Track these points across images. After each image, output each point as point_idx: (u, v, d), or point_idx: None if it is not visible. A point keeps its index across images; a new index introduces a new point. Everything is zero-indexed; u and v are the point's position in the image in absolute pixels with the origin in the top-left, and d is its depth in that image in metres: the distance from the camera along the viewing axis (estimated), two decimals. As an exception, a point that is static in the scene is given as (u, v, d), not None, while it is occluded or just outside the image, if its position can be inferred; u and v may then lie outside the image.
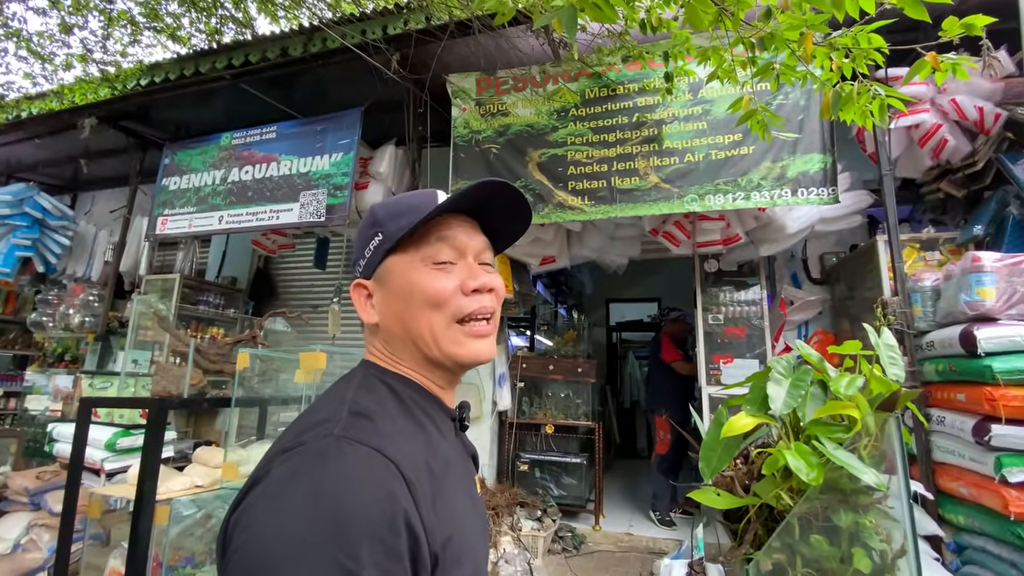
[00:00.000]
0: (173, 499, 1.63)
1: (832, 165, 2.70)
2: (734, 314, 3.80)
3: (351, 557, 0.45)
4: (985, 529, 2.13)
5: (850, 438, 1.00)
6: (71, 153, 5.56)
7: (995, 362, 2.07)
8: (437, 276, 0.66)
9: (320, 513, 0.47)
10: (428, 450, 0.60)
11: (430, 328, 0.66)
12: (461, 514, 0.62)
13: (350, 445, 0.52)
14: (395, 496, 0.50)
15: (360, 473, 0.50)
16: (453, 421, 0.72)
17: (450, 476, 0.62)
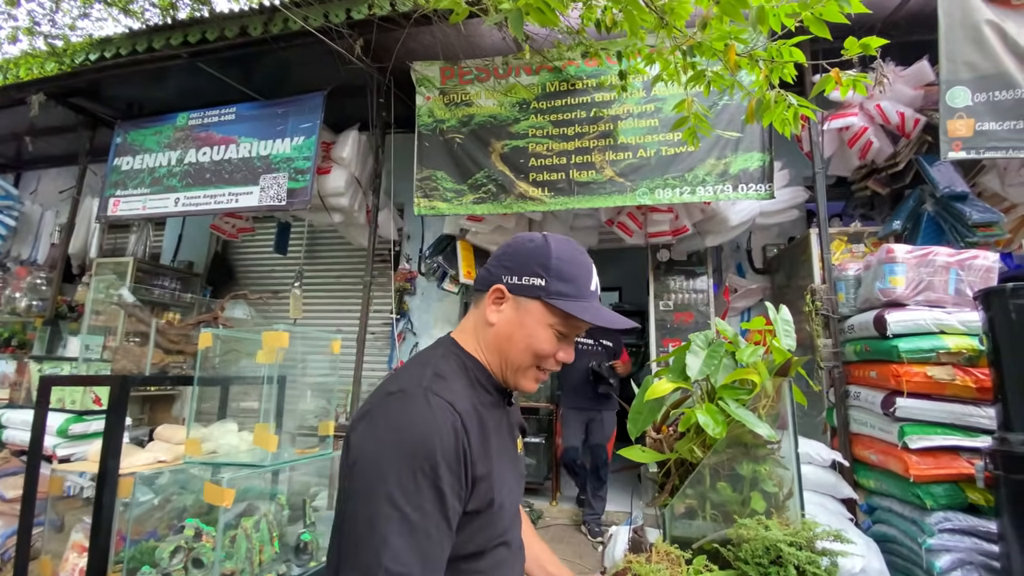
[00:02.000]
0: (137, 473, 1.68)
1: (770, 163, 2.91)
2: (683, 301, 4.03)
3: (431, 466, 0.69)
4: (891, 491, 2.41)
5: (751, 399, 1.16)
6: (15, 130, 5.28)
7: (901, 343, 2.33)
8: (552, 341, 0.86)
9: (413, 436, 0.71)
10: (482, 409, 0.82)
11: (519, 361, 0.87)
12: (499, 459, 0.83)
13: (433, 396, 0.75)
14: (458, 432, 0.73)
15: (437, 415, 0.73)
16: (503, 396, 0.93)
17: (494, 432, 0.84)
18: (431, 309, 4.69)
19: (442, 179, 3.34)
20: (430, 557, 0.68)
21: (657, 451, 1.36)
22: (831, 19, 1.42)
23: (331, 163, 4.13)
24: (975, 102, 2.53)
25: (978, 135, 2.51)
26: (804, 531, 0.91)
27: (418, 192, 3.36)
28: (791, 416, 1.10)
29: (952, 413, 2.24)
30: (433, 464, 0.69)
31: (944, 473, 2.18)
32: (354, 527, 0.68)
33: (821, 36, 1.47)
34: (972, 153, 2.51)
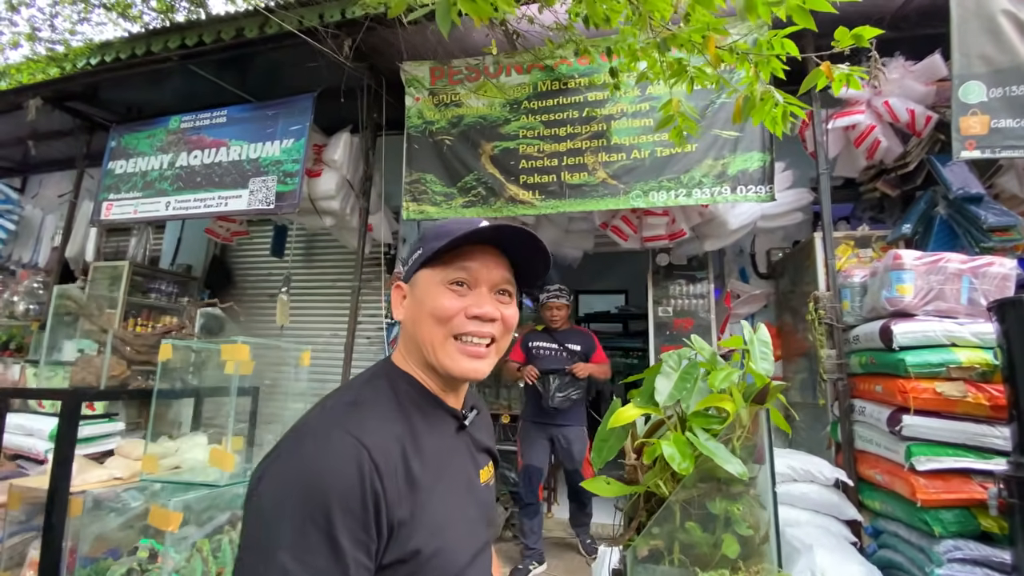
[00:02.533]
0: (87, 491, 1.60)
1: (770, 164, 2.77)
2: (683, 307, 3.89)
3: (324, 516, 0.59)
4: (897, 515, 2.25)
5: (723, 429, 1.04)
6: (19, 134, 5.32)
7: (908, 356, 2.17)
8: (448, 295, 0.77)
9: (305, 482, 0.62)
10: (410, 440, 0.72)
11: (431, 337, 0.77)
12: (441, 495, 0.73)
13: (338, 431, 0.66)
14: (365, 472, 0.63)
15: (338, 454, 0.64)
16: (454, 418, 0.83)
17: (436, 464, 0.74)
18: (426, 314, 4.60)
19: (431, 182, 3.25)
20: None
21: (632, 479, 1.24)
22: (817, 8, 1.29)
23: (323, 166, 4.06)
24: (990, 98, 2.36)
25: (993, 133, 2.34)
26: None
27: (407, 196, 3.27)
28: (768, 450, 0.98)
29: (964, 433, 2.08)
30: (327, 513, 0.60)
31: (954, 498, 2.03)
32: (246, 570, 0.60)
33: (807, 27, 1.35)
34: (987, 152, 2.35)
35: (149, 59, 3.90)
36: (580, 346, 3.36)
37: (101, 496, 1.62)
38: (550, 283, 3.50)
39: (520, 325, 3.13)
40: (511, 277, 0.83)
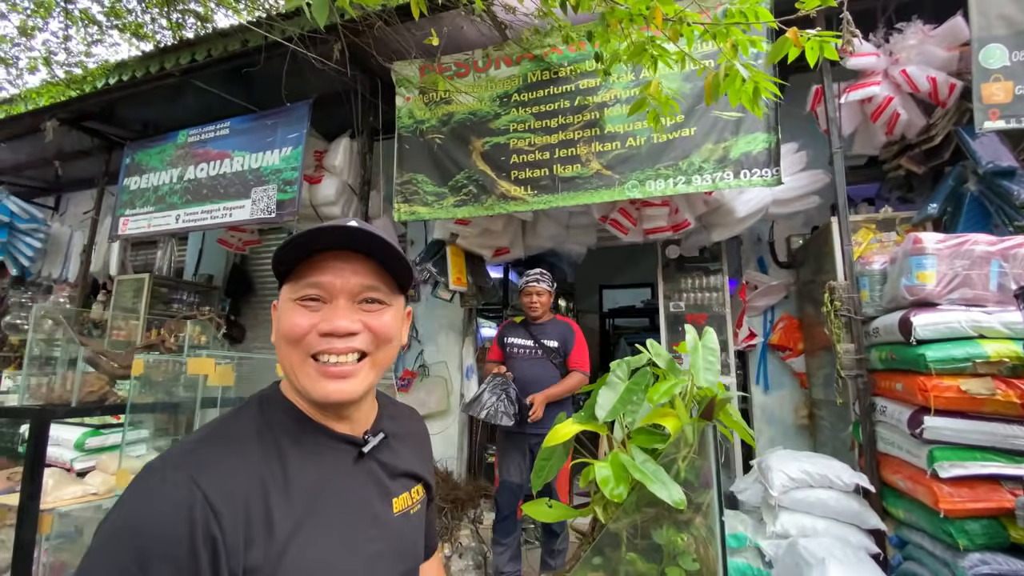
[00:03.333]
0: (55, 509, 1.61)
1: (776, 145, 2.57)
2: (696, 301, 3.70)
3: (139, 567, 0.54)
4: (921, 524, 2.05)
5: (666, 448, 0.93)
6: (45, 156, 5.58)
7: (928, 350, 1.96)
8: (299, 313, 0.70)
9: (125, 528, 0.57)
10: (276, 478, 0.65)
11: (289, 360, 0.70)
12: (322, 536, 0.66)
13: (172, 471, 0.60)
14: (195, 518, 0.56)
15: (167, 497, 0.58)
16: (351, 445, 0.75)
17: (314, 501, 0.67)
18: (435, 316, 4.56)
19: (423, 182, 3.18)
20: None
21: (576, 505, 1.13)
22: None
23: (324, 172, 4.07)
24: (1013, 61, 2.11)
25: (1018, 100, 2.09)
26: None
27: (398, 197, 3.22)
28: (715, 471, 0.86)
29: (993, 434, 1.87)
30: (143, 563, 0.54)
31: (982, 507, 1.82)
32: None
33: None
34: (1012, 122, 2.10)
35: (161, 75, 4.00)
36: (557, 342, 2.96)
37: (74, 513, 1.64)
38: (536, 267, 3.12)
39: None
40: (376, 282, 0.73)
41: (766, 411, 3.64)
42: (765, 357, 3.68)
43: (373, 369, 0.75)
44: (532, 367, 2.93)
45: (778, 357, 3.63)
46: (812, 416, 3.42)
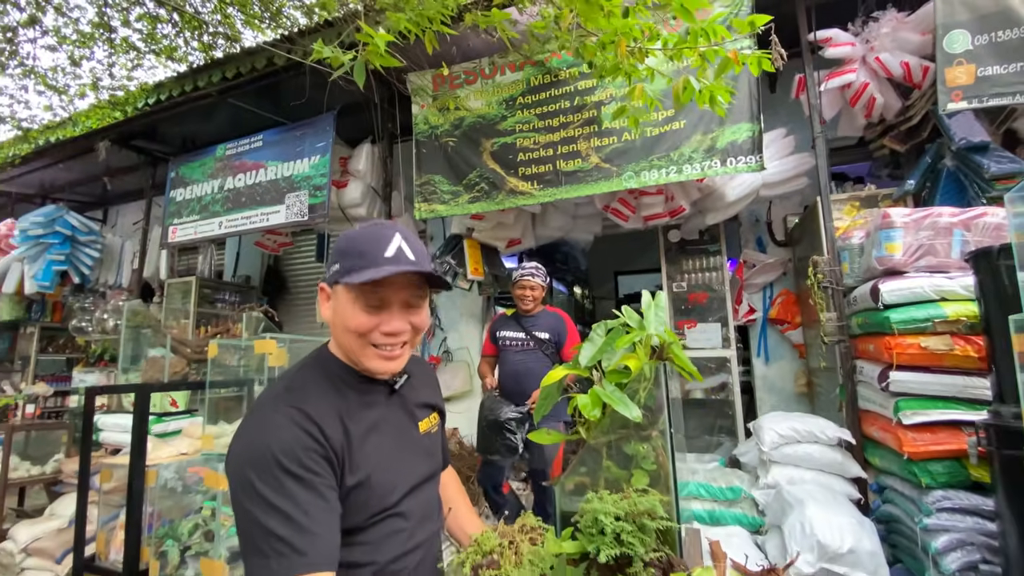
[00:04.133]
0: (159, 464, 2.00)
1: (759, 134, 2.80)
2: (697, 281, 3.95)
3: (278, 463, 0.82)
4: (893, 469, 2.29)
5: (630, 383, 1.22)
6: (95, 173, 6.09)
7: (893, 313, 2.20)
8: (364, 316, 0.94)
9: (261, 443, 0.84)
10: (344, 408, 0.95)
11: (351, 345, 0.97)
12: (376, 442, 0.97)
13: (281, 405, 0.89)
14: (304, 430, 0.86)
15: (282, 421, 0.86)
16: (383, 386, 1.05)
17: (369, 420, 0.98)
18: (456, 305, 4.89)
19: (439, 182, 3.50)
20: (309, 515, 0.80)
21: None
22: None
23: (349, 176, 4.42)
24: (976, 45, 2.29)
25: (980, 81, 2.28)
26: (632, 504, 0.98)
27: (418, 197, 3.55)
28: (666, 397, 1.15)
29: (952, 385, 2.10)
30: (280, 462, 0.82)
31: (944, 449, 2.06)
32: (242, 527, 0.81)
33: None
34: (974, 102, 2.29)
35: (199, 95, 4.40)
36: (549, 333, 3.01)
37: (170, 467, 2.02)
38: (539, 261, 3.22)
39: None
40: (419, 291, 0.99)
41: (767, 381, 3.87)
42: (765, 331, 3.91)
43: (411, 347, 1.05)
44: (525, 358, 2.99)
45: (778, 330, 3.86)
46: (810, 384, 3.64)
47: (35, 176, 6.15)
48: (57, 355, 6.60)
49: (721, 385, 3.82)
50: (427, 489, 1.10)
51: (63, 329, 6.36)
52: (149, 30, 5.30)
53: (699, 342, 3.84)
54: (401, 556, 0.98)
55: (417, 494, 1.05)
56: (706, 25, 1.66)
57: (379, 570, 0.94)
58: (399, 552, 0.98)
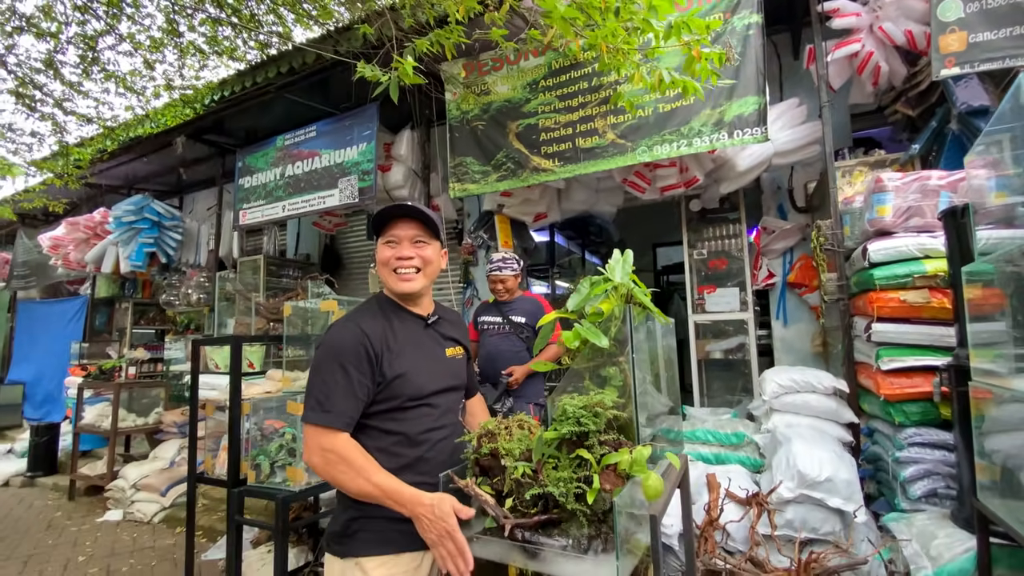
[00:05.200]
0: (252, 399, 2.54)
1: (764, 106, 2.97)
2: (717, 247, 4.15)
3: (337, 358, 1.32)
4: (876, 412, 2.52)
5: (603, 321, 1.57)
6: (172, 164, 6.86)
7: (877, 271, 2.40)
8: (386, 249, 1.45)
9: (333, 344, 1.35)
10: (387, 327, 1.41)
11: (384, 276, 1.47)
12: (410, 352, 1.41)
13: (346, 322, 1.40)
14: (358, 339, 1.34)
15: (350, 330, 1.36)
16: (420, 320, 1.51)
17: (404, 338, 1.43)
18: (491, 276, 5.30)
19: (471, 163, 3.86)
20: (337, 391, 1.30)
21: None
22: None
23: (392, 161, 4.86)
24: (967, 13, 2.38)
25: (972, 48, 2.37)
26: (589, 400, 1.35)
27: (452, 178, 3.93)
28: (629, 331, 1.50)
29: (929, 335, 2.30)
30: (342, 358, 1.33)
31: (917, 391, 2.28)
32: (311, 381, 1.35)
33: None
34: (966, 67, 2.39)
35: (256, 90, 4.93)
36: (525, 317, 3.22)
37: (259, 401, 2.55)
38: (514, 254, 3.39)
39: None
40: (420, 232, 1.47)
41: (785, 342, 4.06)
42: (784, 295, 4.08)
43: (424, 277, 1.51)
44: (500, 341, 3.25)
45: (796, 294, 4.02)
46: (825, 344, 3.81)
47: (121, 169, 6.98)
48: (148, 327, 7.58)
49: (739, 346, 4.05)
50: (452, 395, 1.54)
51: (153, 304, 7.29)
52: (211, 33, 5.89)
53: (719, 306, 4.07)
54: (427, 431, 1.42)
55: (443, 395, 1.50)
56: (686, 18, 1.91)
57: (411, 437, 1.39)
58: (426, 428, 1.42)
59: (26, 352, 8.45)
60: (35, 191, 6.88)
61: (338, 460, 1.28)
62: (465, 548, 1.18)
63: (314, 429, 1.30)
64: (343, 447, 1.29)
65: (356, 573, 1.36)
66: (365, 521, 1.38)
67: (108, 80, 6.13)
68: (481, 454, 1.35)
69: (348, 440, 1.31)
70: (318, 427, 1.29)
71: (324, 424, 1.29)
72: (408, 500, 1.23)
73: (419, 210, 1.48)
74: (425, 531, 1.21)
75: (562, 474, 1.26)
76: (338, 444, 1.28)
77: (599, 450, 1.31)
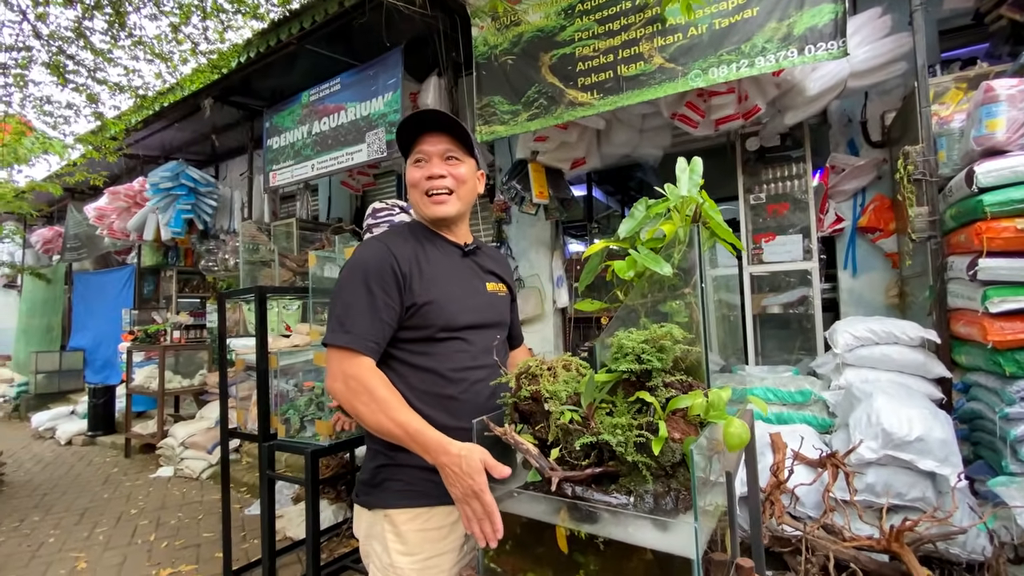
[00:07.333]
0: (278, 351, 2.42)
1: (843, 15, 2.53)
2: (777, 191, 3.74)
3: (363, 276, 1.19)
4: (977, 363, 2.16)
5: (664, 246, 1.31)
6: (204, 132, 6.83)
7: (987, 196, 2.00)
8: (414, 169, 1.30)
9: (357, 262, 1.22)
10: (418, 250, 1.27)
11: (413, 198, 1.32)
12: (442, 278, 1.26)
13: (375, 242, 1.27)
14: (385, 258, 1.21)
15: (376, 248, 1.23)
16: (457, 248, 1.36)
17: (438, 263, 1.28)
18: (526, 235, 5.04)
19: (499, 103, 3.56)
20: (360, 310, 1.18)
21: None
22: None
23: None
24: None
25: None
26: (652, 332, 1.10)
27: (479, 120, 3.64)
28: (698, 256, 1.22)
29: (1052, 269, 1.91)
30: (366, 276, 1.19)
31: (1035, 337, 1.91)
32: (332, 303, 1.23)
33: None
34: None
35: (279, 46, 4.74)
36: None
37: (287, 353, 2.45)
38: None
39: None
40: (452, 146, 1.28)
41: (854, 294, 3.66)
42: (854, 241, 3.66)
43: (459, 200, 1.32)
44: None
45: (868, 240, 3.60)
46: (902, 294, 3.40)
47: (155, 138, 7.02)
48: (192, 295, 7.76)
49: (800, 299, 3.68)
50: (490, 331, 1.33)
51: (195, 272, 7.42)
52: (234, -7, 5.69)
53: (778, 255, 3.69)
54: (462, 369, 1.24)
55: (481, 332, 1.30)
56: None
57: (443, 374, 1.22)
58: (460, 366, 1.23)
59: (84, 320, 8.87)
60: (76, 164, 7.02)
61: (361, 389, 1.12)
62: (494, 511, 0.98)
63: (336, 352, 1.17)
64: (366, 375, 1.13)
65: (385, 526, 1.21)
66: (395, 469, 1.23)
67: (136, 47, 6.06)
68: (520, 397, 1.13)
69: (373, 368, 1.16)
70: (339, 349, 1.16)
71: (345, 345, 1.15)
72: (433, 445, 1.04)
73: (449, 118, 1.27)
74: (450, 484, 1.03)
75: (619, 420, 1.03)
76: (362, 370, 1.14)
77: (664, 393, 1.07)
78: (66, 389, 8.42)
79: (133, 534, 3.66)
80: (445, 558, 1.21)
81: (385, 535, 1.21)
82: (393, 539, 1.20)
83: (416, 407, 1.15)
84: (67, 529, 3.78)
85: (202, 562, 3.19)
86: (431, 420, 1.12)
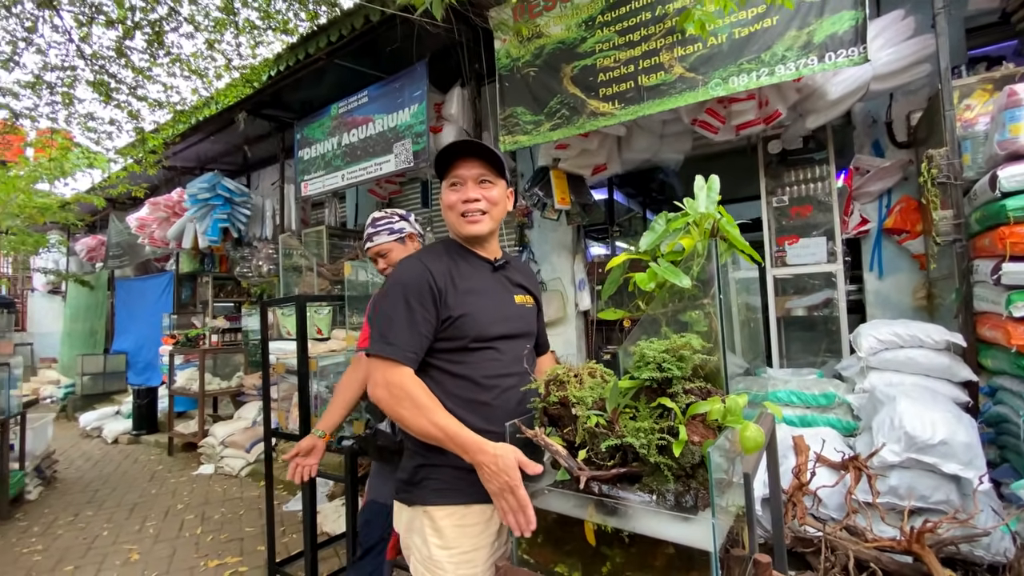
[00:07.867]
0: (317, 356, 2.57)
1: (863, 21, 2.55)
2: (800, 193, 3.75)
3: (403, 293, 1.30)
4: (1002, 367, 2.17)
5: (683, 259, 1.39)
6: (237, 143, 7.12)
7: (1010, 200, 2.01)
8: (451, 193, 1.42)
9: (397, 279, 1.34)
10: (452, 267, 1.37)
11: (449, 218, 1.43)
12: (475, 292, 1.37)
13: (414, 260, 1.38)
14: (423, 275, 1.32)
15: (414, 266, 1.35)
16: (488, 263, 1.46)
17: (470, 279, 1.39)
18: (548, 239, 5.12)
19: (521, 114, 3.66)
20: (400, 324, 1.29)
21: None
22: None
23: (443, 121, 4.73)
24: None
25: None
26: (672, 343, 1.18)
27: (502, 130, 3.75)
28: (716, 268, 1.30)
29: (1078, 274, 1.92)
30: (406, 292, 1.31)
31: (1062, 341, 1.92)
32: (375, 317, 1.35)
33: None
34: None
35: (309, 61, 4.94)
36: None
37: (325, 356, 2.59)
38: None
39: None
40: (485, 171, 1.40)
41: (880, 296, 3.64)
42: (880, 242, 3.64)
43: (491, 219, 1.43)
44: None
45: (894, 241, 3.57)
46: (930, 296, 3.38)
47: (192, 151, 7.34)
48: (227, 300, 8.08)
49: (825, 302, 3.68)
50: (519, 341, 1.44)
51: (230, 278, 7.73)
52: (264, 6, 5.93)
53: (802, 258, 3.70)
54: (494, 377, 1.35)
55: (511, 341, 1.41)
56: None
57: (477, 381, 1.33)
58: (492, 373, 1.34)
59: (126, 325, 9.31)
60: (118, 177, 7.39)
61: (403, 396, 1.24)
62: (527, 504, 1.09)
63: (378, 362, 1.29)
64: (408, 382, 1.25)
65: (424, 521, 1.32)
66: (433, 469, 1.33)
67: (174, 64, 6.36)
68: (549, 403, 1.23)
69: (413, 377, 1.27)
70: (382, 359, 1.28)
71: (387, 355, 1.27)
72: (471, 446, 1.15)
73: (482, 146, 1.39)
74: (487, 480, 1.14)
75: (642, 424, 1.12)
76: (403, 379, 1.25)
77: (684, 399, 1.15)
78: (110, 390, 8.85)
79: (180, 528, 3.88)
80: (480, 552, 1.32)
81: (424, 530, 1.32)
82: (432, 533, 1.31)
83: (452, 411, 1.26)
84: (119, 523, 4.02)
85: (246, 555, 3.38)
86: (466, 423, 1.23)
